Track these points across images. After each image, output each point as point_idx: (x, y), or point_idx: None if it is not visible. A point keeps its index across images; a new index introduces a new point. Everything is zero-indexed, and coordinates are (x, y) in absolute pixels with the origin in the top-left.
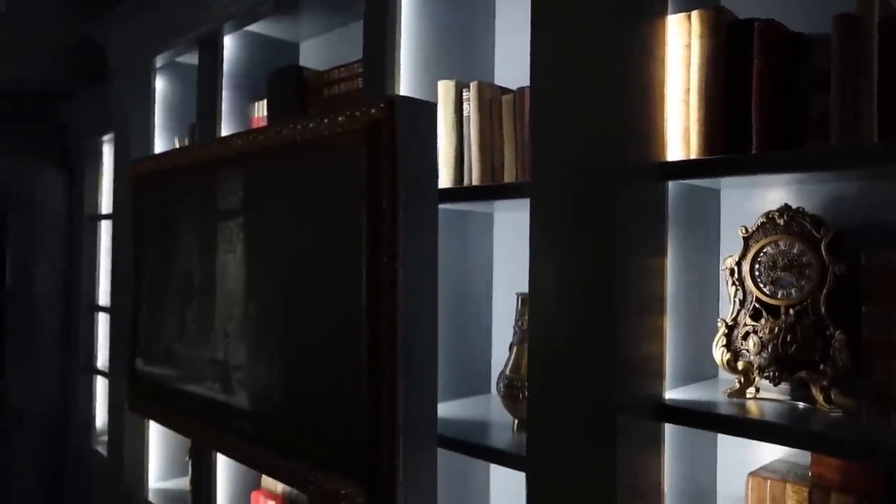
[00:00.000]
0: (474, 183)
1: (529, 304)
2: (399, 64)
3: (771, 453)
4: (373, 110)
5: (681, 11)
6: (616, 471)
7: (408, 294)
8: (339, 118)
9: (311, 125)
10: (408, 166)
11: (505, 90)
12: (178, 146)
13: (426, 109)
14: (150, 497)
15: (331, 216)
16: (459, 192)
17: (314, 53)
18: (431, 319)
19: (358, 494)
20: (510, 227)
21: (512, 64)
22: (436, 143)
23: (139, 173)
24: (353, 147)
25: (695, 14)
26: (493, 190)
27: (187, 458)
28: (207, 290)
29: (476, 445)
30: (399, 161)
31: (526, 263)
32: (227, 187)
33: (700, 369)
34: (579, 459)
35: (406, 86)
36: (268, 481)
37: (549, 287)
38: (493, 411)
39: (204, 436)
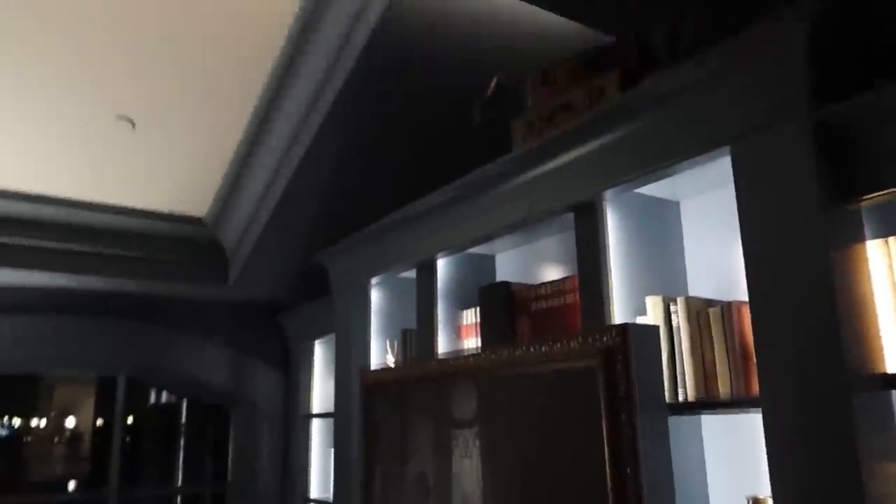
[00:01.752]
0: (689, 392)
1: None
2: (611, 280)
3: None
4: (605, 338)
5: (877, 237)
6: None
7: (650, 501)
8: (572, 343)
9: (543, 349)
10: (641, 385)
11: (710, 302)
12: (389, 348)
13: (651, 333)
14: None
15: (567, 428)
16: (693, 406)
17: (504, 265)
18: None
19: None
20: (718, 429)
21: (700, 271)
22: (661, 362)
23: (371, 382)
24: (591, 370)
25: (892, 239)
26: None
27: None
28: (443, 492)
29: None
30: (633, 381)
31: (739, 465)
32: (462, 399)
33: None
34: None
35: (617, 301)
36: None
37: (792, 490)
38: None
39: None
